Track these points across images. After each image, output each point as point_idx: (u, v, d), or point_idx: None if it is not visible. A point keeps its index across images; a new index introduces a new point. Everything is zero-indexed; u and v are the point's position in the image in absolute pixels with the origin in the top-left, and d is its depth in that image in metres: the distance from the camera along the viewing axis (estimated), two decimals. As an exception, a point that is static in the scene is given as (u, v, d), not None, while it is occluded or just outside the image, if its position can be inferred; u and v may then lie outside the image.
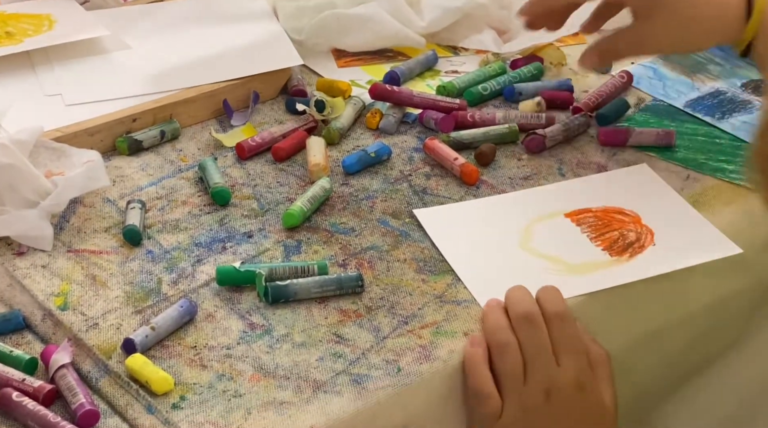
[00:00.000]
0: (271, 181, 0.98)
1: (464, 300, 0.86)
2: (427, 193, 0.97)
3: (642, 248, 0.89)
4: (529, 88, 1.10)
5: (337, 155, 1.01)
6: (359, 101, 1.07)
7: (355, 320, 0.83)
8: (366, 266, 0.88)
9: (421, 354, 0.80)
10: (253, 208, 0.95)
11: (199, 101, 1.04)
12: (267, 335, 0.82)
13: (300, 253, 0.90)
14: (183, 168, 0.99)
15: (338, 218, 0.94)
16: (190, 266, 0.88)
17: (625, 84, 1.12)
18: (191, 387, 0.77)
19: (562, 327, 0.80)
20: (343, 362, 0.79)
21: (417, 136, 1.05)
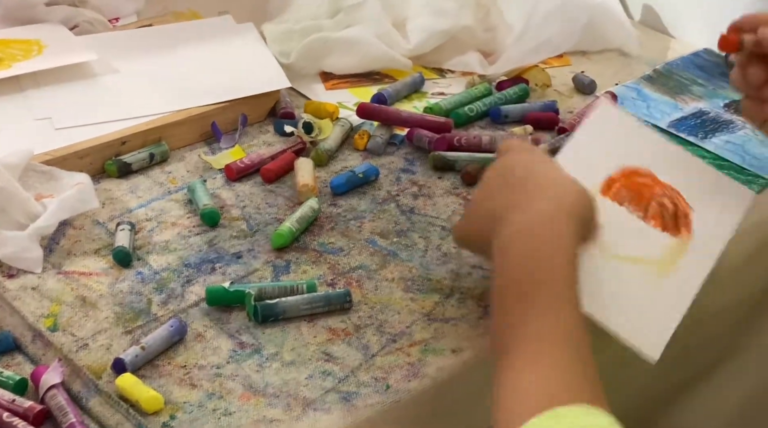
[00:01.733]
0: (260, 202, 0.99)
1: (452, 318, 0.86)
2: (414, 212, 0.98)
3: (687, 217, 0.85)
4: (515, 110, 1.11)
5: (326, 176, 1.02)
6: (347, 123, 1.08)
7: (344, 338, 0.84)
8: (354, 285, 0.89)
9: (410, 372, 0.81)
10: (242, 229, 0.95)
11: (187, 124, 1.05)
12: (256, 354, 0.82)
13: (289, 273, 0.90)
14: (172, 190, 1.00)
15: (327, 238, 0.94)
16: (179, 287, 0.88)
17: (609, 104, 1.13)
18: (181, 406, 0.77)
19: None
20: (333, 380, 0.80)
21: (404, 157, 1.06)
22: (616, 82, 1.19)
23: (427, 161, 1.04)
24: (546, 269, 0.72)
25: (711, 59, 1.24)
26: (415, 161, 1.05)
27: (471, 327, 0.85)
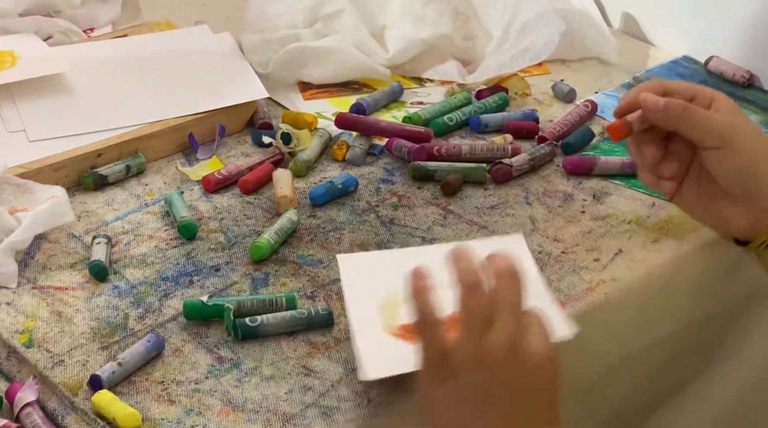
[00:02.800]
0: (238, 214, 0.98)
1: (433, 330, 0.85)
2: (394, 223, 0.98)
3: None
4: (494, 119, 1.11)
5: (304, 187, 1.01)
6: (325, 133, 1.07)
7: (324, 352, 0.83)
8: (335, 298, 0.88)
9: (391, 386, 0.80)
10: (220, 242, 0.95)
11: (164, 135, 1.04)
12: (235, 369, 0.81)
13: (268, 286, 0.90)
14: (149, 202, 0.99)
15: (306, 250, 0.94)
16: (157, 300, 0.88)
17: (589, 113, 1.13)
18: (159, 423, 0.76)
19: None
20: (313, 394, 0.79)
21: (384, 167, 1.05)
22: (596, 90, 1.18)
23: (406, 171, 1.04)
24: None
25: (690, 66, 1.24)
26: (395, 171, 1.04)
27: (452, 340, 0.84)
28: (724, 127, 0.86)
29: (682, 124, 0.86)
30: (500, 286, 0.73)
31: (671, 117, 0.86)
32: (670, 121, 0.86)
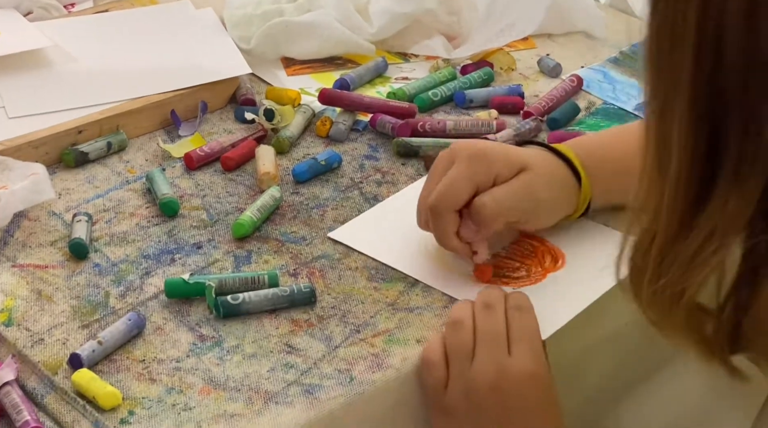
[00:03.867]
0: (221, 191, 0.97)
1: (417, 307, 0.85)
2: (378, 199, 0.97)
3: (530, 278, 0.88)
4: (479, 94, 1.10)
5: (287, 164, 1.01)
6: (309, 109, 1.06)
7: (307, 330, 0.83)
8: (317, 275, 0.88)
9: (374, 363, 0.80)
10: (202, 219, 0.94)
11: (146, 112, 1.03)
12: (217, 347, 0.81)
13: (250, 264, 0.89)
14: (130, 179, 0.98)
15: (289, 227, 0.93)
16: (138, 279, 0.87)
17: (575, 88, 1.12)
18: (140, 402, 0.76)
19: (520, 317, 0.79)
20: (295, 372, 0.79)
21: (368, 143, 1.05)
22: (582, 64, 1.18)
23: (390, 147, 1.03)
24: None
25: (677, 41, 1.23)
26: (379, 147, 1.04)
27: (436, 317, 0.84)
28: (527, 199, 0.86)
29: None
30: (479, 318, 0.79)
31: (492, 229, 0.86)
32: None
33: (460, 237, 0.86)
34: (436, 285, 0.87)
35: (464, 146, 0.87)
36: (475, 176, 0.85)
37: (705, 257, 0.56)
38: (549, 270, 0.89)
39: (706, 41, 0.54)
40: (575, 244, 0.91)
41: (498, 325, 0.79)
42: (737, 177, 0.55)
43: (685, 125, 0.56)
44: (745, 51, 0.53)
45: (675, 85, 0.56)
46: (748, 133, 0.54)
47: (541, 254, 0.90)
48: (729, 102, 0.54)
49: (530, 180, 0.86)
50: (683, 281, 0.58)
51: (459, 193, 0.84)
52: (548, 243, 0.91)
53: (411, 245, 0.91)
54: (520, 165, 0.86)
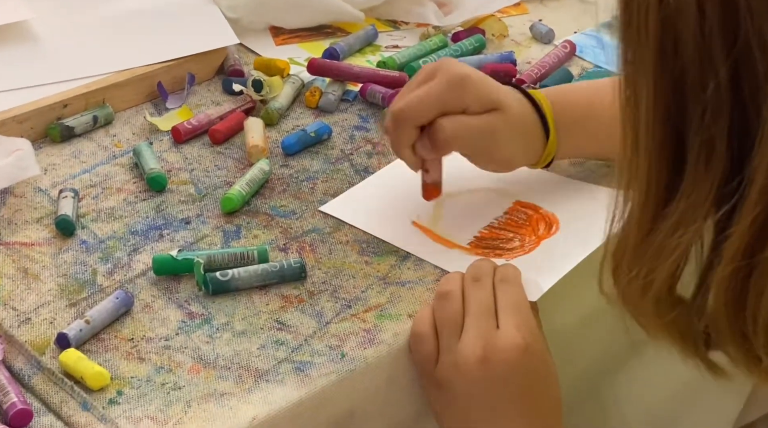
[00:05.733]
0: (209, 165, 0.96)
1: (408, 281, 0.84)
2: (369, 171, 0.96)
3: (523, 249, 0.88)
4: (471, 62, 1.08)
5: (276, 136, 0.99)
6: (298, 80, 1.05)
7: (297, 306, 0.82)
8: (308, 250, 0.87)
9: (365, 339, 0.79)
10: (190, 193, 0.93)
11: (132, 84, 1.02)
12: (206, 324, 0.80)
13: (240, 238, 0.88)
14: (117, 154, 0.97)
15: (278, 201, 0.92)
16: (126, 255, 0.86)
17: (568, 54, 1.11)
18: (128, 381, 0.75)
19: (505, 290, 0.79)
20: (286, 349, 0.78)
21: (358, 114, 1.03)
22: (575, 30, 1.16)
23: (381, 118, 1.02)
24: None
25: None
26: (369, 118, 1.02)
27: (428, 290, 0.83)
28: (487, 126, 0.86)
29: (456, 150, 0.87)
30: (468, 291, 0.79)
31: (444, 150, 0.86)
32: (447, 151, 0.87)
33: (414, 150, 0.86)
34: (427, 258, 0.86)
35: (448, 67, 0.86)
36: (446, 100, 0.84)
37: (671, 246, 0.56)
38: (543, 237, 0.88)
39: (665, 25, 0.53)
40: (570, 208, 0.90)
41: (486, 298, 0.78)
42: (698, 166, 0.54)
43: (651, 110, 0.55)
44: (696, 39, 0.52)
45: (641, 68, 0.55)
46: (704, 121, 0.53)
47: (535, 222, 0.90)
48: (687, 88, 0.53)
49: (497, 121, 0.86)
50: (652, 270, 0.58)
51: (423, 111, 0.85)
52: (542, 210, 0.91)
53: (402, 218, 0.90)
54: (493, 103, 0.86)
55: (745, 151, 0.52)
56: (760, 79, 0.50)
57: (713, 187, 0.54)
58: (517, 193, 0.92)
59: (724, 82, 0.51)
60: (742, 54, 0.50)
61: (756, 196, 0.51)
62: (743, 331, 0.55)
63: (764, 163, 0.51)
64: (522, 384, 0.77)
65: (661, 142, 0.56)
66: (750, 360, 0.56)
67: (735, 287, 0.54)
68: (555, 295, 0.83)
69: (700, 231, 0.55)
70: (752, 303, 0.54)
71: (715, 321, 0.57)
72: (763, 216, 0.51)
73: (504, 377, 0.76)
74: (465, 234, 0.88)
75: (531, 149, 0.89)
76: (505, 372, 0.76)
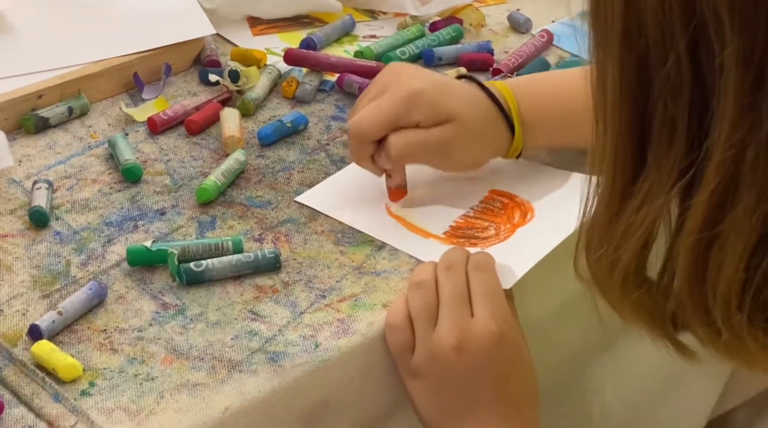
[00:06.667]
0: (185, 156, 0.96)
1: (383, 270, 0.84)
2: (345, 162, 0.95)
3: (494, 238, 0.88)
4: (448, 52, 1.08)
5: (253, 126, 0.99)
6: (274, 70, 1.05)
7: (272, 296, 0.82)
8: (283, 240, 0.87)
9: (340, 329, 0.79)
10: (165, 184, 0.93)
11: (108, 75, 1.01)
12: (180, 315, 0.80)
13: (215, 229, 0.88)
14: (92, 145, 0.97)
15: (254, 191, 0.92)
16: (100, 247, 0.86)
17: (545, 43, 1.10)
18: (101, 373, 0.75)
19: (479, 278, 0.79)
20: (259, 340, 0.78)
21: (335, 104, 1.03)
22: (553, 19, 1.16)
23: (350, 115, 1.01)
24: None
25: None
26: (346, 108, 1.02)
27: (402, 280, 0.83)
28: (443, 139, 0.86)
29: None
30: (441, 280, 0.79)
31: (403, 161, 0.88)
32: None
33: (374, 161, 0.88)
34: (403, 248, 0.86)
35: (399, 82, 0.87)
36: (396, 117, 0.86)
37: (638, 223, 0.57)
38: (518, 225, 0.88)
39: (629, 6, 0.54)
40: (546, 196, 0.90)
41: (459, 286, 0.78)
42: (661, 145, 0.55)
43: (618, 91, 0.56)
44: (658, 16, 0.52)
45: (607, 50, 0.56)
46: (666, 100, 0.54)
47: (510, 210, 0.90)
48: (650, 68, 0.54)
49: (448, 133, 0.86)
50: (619, 247, 0.58)
51: (374, 128, 0.86)
52: (517, 198, 0.91)
53: (378, 208, 0.90)
54: (445, 116, 0.86)
55: (704, 127, 0.53)
56: (716, 55, 0.51)
57: (675, 164, 0.54)
58: (492, 181, 0.92)
59: (683, 59, 0.52)
60: (699, 29, 0.51)
61: (714, 169, 0.52)
62: (705, 306, 0.56)
63: (721, 137, 0.52)
64: (497, 372, 0.77)
65: (627, 123, 0.56)
66: (714, 337, 0.56)
67: (696, 260, 0.55)
68: (530, 283, 0.83)
69: (666, 208, 0.56)
70: (712, 276, 0.54)
71: (680, 299, 0.57)
72: (720, 188, 0.52)
73: (479, 365, 0.76)
74: (440, 223, 0.88)
75: (494, 147, 0.90)
76: (480, 361, 0.76)
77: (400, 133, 0.86)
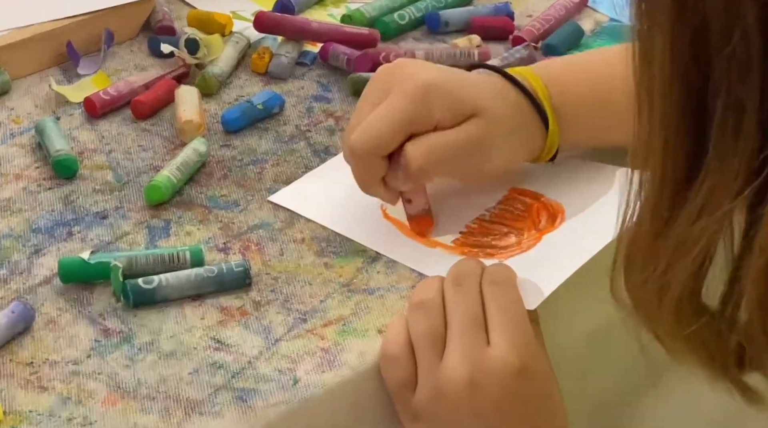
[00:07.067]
0: (131, 145, 0.97)
1: (378, 287, 0.85)
2: (330, 152, 0.96)
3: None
4: (458, 15, 1.10)
5: (216, 109, 1.00)
6: (243, 39, 1.06)
7: (240, 319, 0.82)
8: (253, 250, 0.87)
9: (324, 360, 0.79)
10: (107, 181, 0.93)
11: (34, 44, 1.02)
12: (126, 344, 0.80)
13: (169, 236, 0.89)
14: (15, 132, 0.97)
15: (217, 190, 0.93)
16: (25, 259, 0.86)
17: (578, 5, 1.11)
18: (26, 416, 0.75)
19: (497, 295, 0.79)
20: (225, 374, 0.78)
21: (317, 81, 1.04)
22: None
23: (346, 86, 1.02)
24: None
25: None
26: (331, 86, 1.03)
27: (402, 299, 0.83)
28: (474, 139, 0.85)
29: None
30: (449, 299, 0.78)
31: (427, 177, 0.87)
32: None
33: (386, 183, 0.86)
34: (402, 260, 0.86)
35: (404, 75, 0.85)
36: (411, 119, 0.84)
37: (693, 237, 0.56)
38: (545, 231, 0.88)
39: None
40: (579, 195, 0.90)
41: (472, 307, 0.78)
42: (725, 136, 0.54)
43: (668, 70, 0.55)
44: None
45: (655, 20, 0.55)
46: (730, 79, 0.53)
47: (536, 213, 0.90)
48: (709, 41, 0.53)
49: (478, 130, 0.85)
50: (670, 268, 0.58)
51: (385, 140, 0.83)
52: (544, 198, 0.91)
53: (371, 210, 0.90)
54: (470, 110, 0.85)
55: None
56: None
57: (744, 162, 0.53)
58: (513, 178, 0.92)
59: (752, 30, 0.51)
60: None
61: None
62: None
63: None
64: (519, 413, 0.77)
65: (680, 108, 0.56)
66: None
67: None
68: (560, 303, 0.82)
69: (729, 219, 0.55)
70: None
71: (750, 333, 0.57)
72: None
73: (496, 406, 0.76)
74: (448, 229, 0.88)
75: (528, 146, 0.89)
76: (497, 400, 0.76)
77: (419, 140, 0.83)
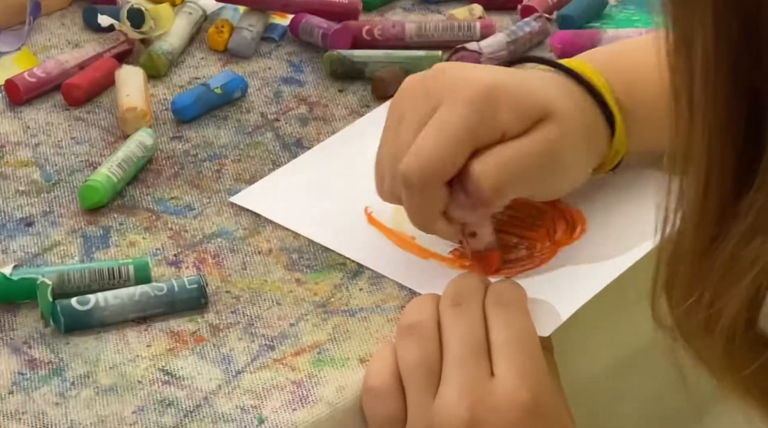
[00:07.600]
0: (63, 137, 0.98)
1: (361, 308, 0.86)
2: (302, 145, 0.97)
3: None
4: (458, -20, 1.11)
5: (165, 94, 1.01)
6: (197, 9, 1.07)
7: (194, 347, 0.83)
8: (211, 263, 0.89)
9: (296, 396, 0.80)
10: (33, 180, 0.94)
11: (-55, 17, 1.03)
12: (56, 377, 0.81)
13: (108, 247, 0.90)
14: None
15: (167, 191, 0.94)
16: (-65, 275, 0.87)
17: (600, -32, 1.12)
18: (-63, 466, 0.76)
19: (503, 317, 0.80)
20: (176, 413, 0.79)
21: (287, 60, 1.05)
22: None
23: (321, 65, 1.04)
24: None
25: None
26: (304, 66, 1.05)
27: (389, 321, 0.85)
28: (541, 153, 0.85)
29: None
30: (446, 321, 0.79)
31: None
32: None
33: (447, 216, 0.85)
34: (389, 274, 0.88)
35: (455, 80, 0.85)
36: (475, 131, 0.83)
37: (747, 260, 0.56)
38: (562, 243, 0.90)
39: None
40: (602, 202, 0.92)
41: (473, 331, 0.79)
42: None
43: (711, 59, 0.56)
44: None
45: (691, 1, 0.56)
46: None
47: (551, 221, 0.91)
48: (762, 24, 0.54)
49: (553, 136, 0.85)
50: (719, 296, 0.58)
51: (448, 159, 0.83)
52: (561, 204, 0.92)
53: (353, 213, 0.92)
54: (538, 113, 0.85)
55: None
56: None
57: None
58: None
59: None
60: None
61: None
62: None
63: None
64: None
65: (726, 104, 0.56)
66: None
67: None
68: (578, 329, 0.84)
69: None
70: None
71: None
72: None
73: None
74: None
75: (597, 152, 0.89)
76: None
77: (486, 155, 0.83)
